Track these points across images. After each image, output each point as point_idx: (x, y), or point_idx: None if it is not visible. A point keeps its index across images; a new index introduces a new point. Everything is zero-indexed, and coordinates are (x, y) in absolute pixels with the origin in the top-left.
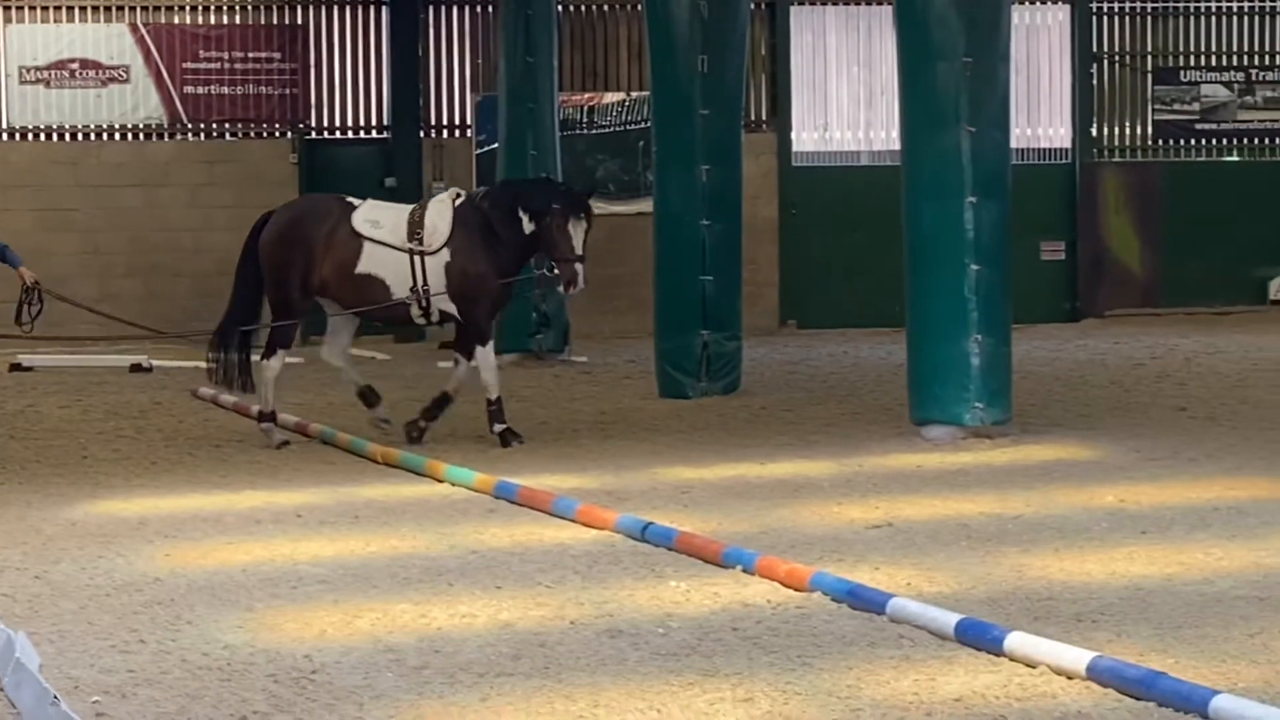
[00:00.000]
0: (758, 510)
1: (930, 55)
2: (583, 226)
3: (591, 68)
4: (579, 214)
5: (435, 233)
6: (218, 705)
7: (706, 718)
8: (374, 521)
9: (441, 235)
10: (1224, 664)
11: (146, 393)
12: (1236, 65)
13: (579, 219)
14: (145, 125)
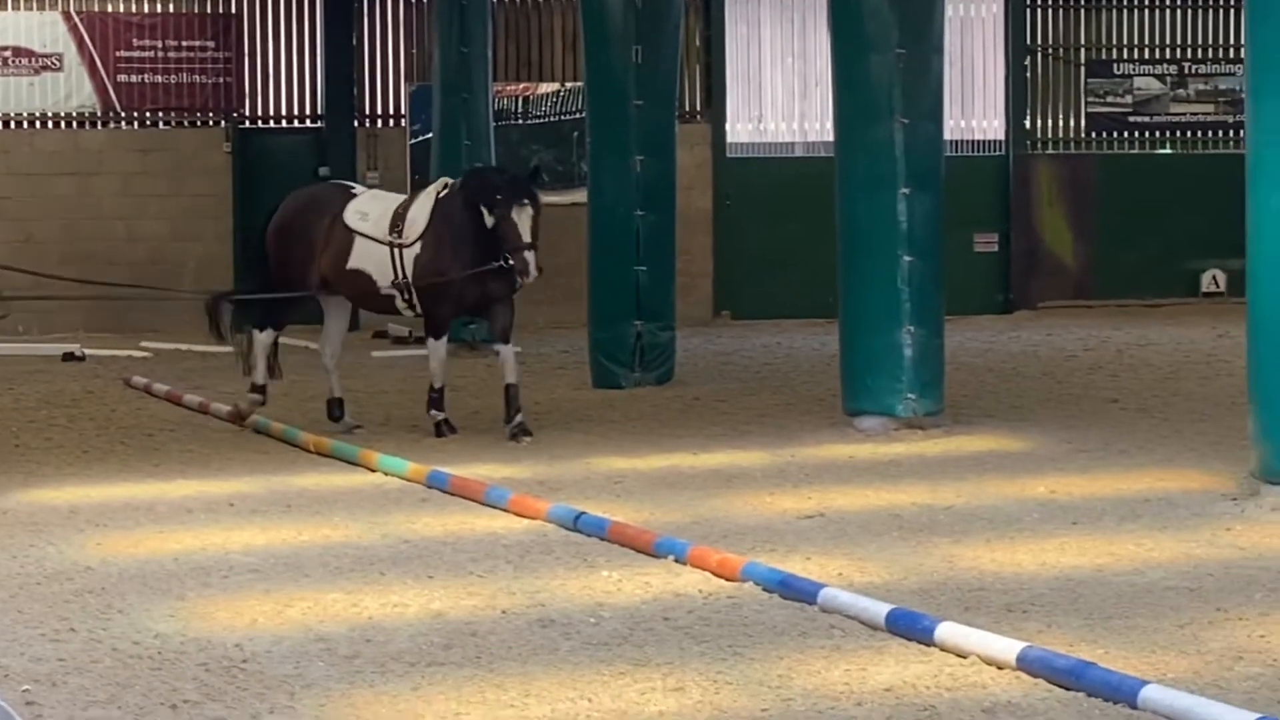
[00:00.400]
0: (690, 500)
1: (864, 47)
2: (528, 213)
3: (526, 58)
4: (521, 201)
5: (413, 225)
6: (148, 694)
7: (638, 707)
8: (306, 511)
9: (418, 228)
10: (1153, 655)
11: (79, 381)
12: (1169, 58)
13: (522, 206)
14: (78, 114)
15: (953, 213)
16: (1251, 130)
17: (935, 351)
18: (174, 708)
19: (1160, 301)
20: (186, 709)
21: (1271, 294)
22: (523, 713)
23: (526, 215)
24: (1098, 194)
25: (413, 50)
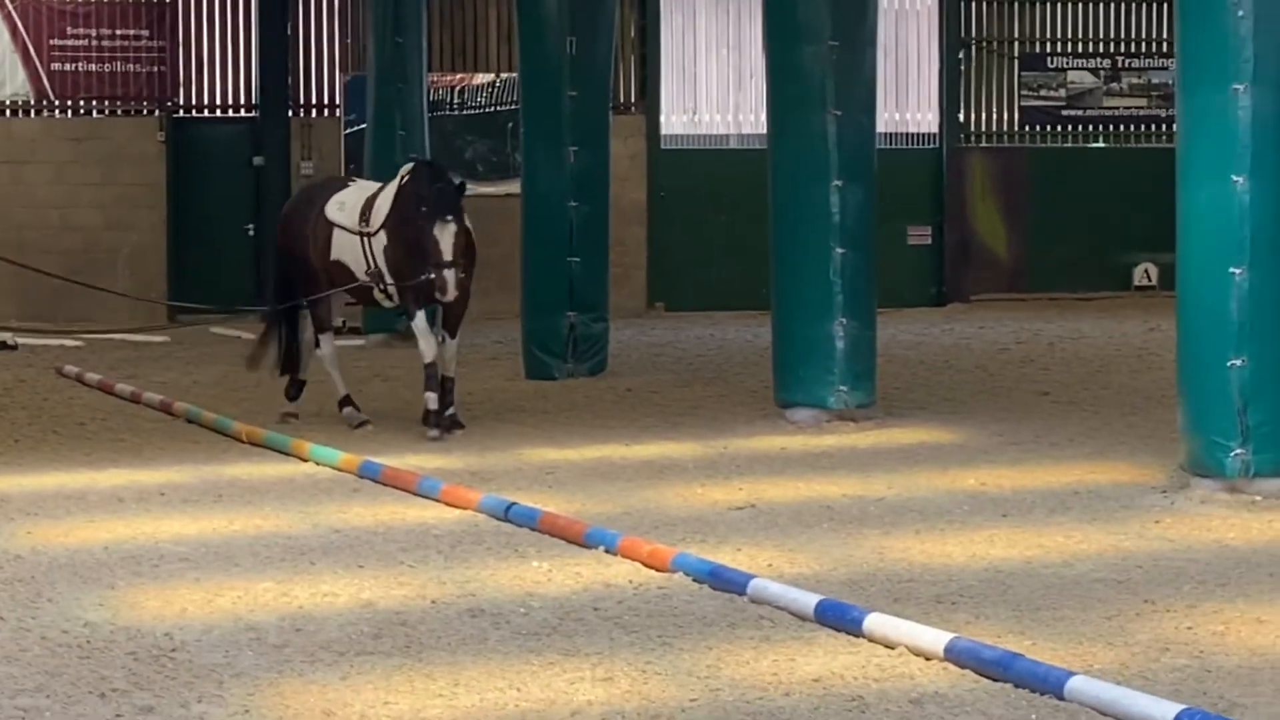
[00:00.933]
0: (622, 491)
1: (797, 38)
2: (450, 230)
3: (461, 49)
4: (444, 218)
5: (378, 214)
6: (76, 682)
7: (566, 697)
8: (237, 500)
9: (381, 216)
10: (1080, 646)
11: (11, 370)
12: (1103, 52)
13: (445, 223)
14: (11, 102)
15: (886, 205)
16: (1181, 125)
17: (867, 344)
18: (102, 696)
19: (1093, 295)
20: (115, 698)
21: (1200, 288)
22: (451, 702)
23: (449, 233)
24: (1031, 187)
25: (348, 40)
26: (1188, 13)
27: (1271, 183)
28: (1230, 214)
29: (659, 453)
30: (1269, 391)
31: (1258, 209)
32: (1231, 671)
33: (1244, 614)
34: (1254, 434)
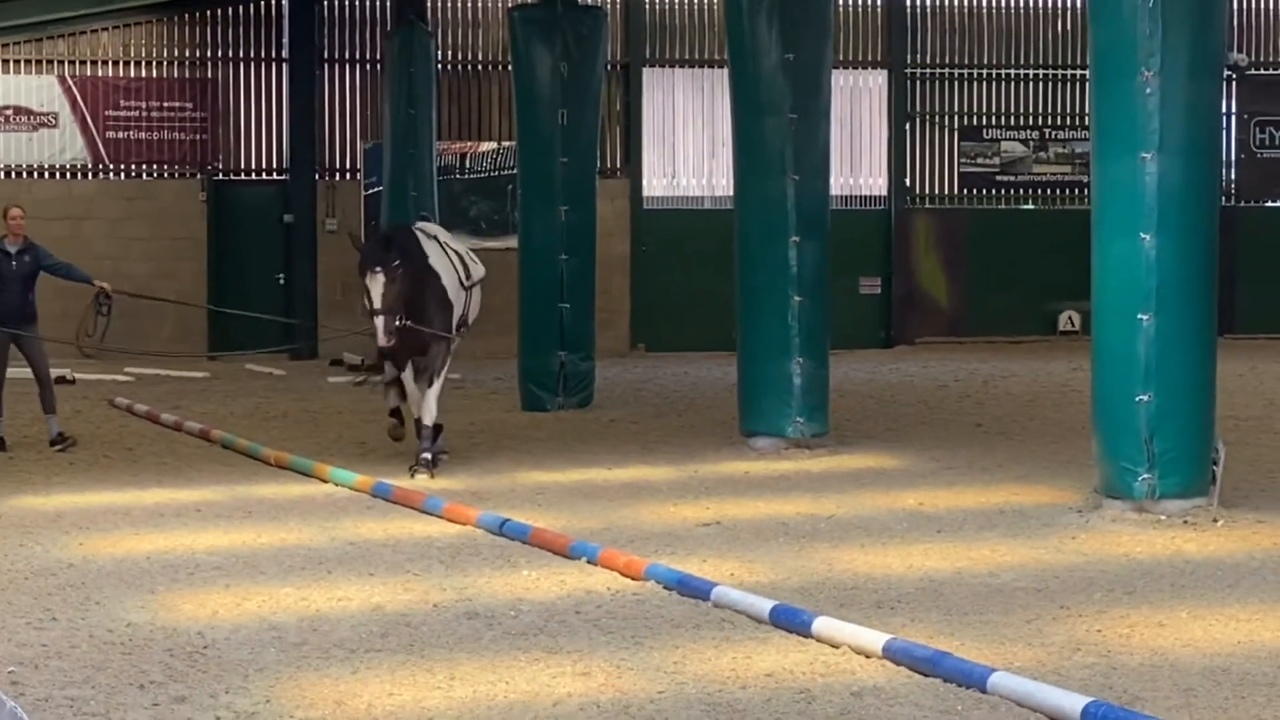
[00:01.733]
0: (603, 509)
1: (760, 111)
2: (379, 280)
3: (466, 120)
4: (373, 269)
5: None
6: (119, 676)
7: (548, 689)
8: (264, 516)
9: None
10: (1003, 646)
11: (69, 402)
12: (1032, 125)
13: (374, 274)
14: (71, 165)
15: (841, 259)
16: (1096, 188)
17: (821, 380)
18: (141, 688)
19: (1023, 339)
20: (153, 689)
21: (1112, 332)
22: (448, 694)
23: (378, 283)
24: (969, 243)
25: (367, 112)
26: (1102, 90)
27: (1175, 239)
28: (1138, 267)
29: (637, 475)
30: (1172, 424)
31: (1163, 263)
32: (1135, 669)
33: (1147, 619)
34: (1159, 461)
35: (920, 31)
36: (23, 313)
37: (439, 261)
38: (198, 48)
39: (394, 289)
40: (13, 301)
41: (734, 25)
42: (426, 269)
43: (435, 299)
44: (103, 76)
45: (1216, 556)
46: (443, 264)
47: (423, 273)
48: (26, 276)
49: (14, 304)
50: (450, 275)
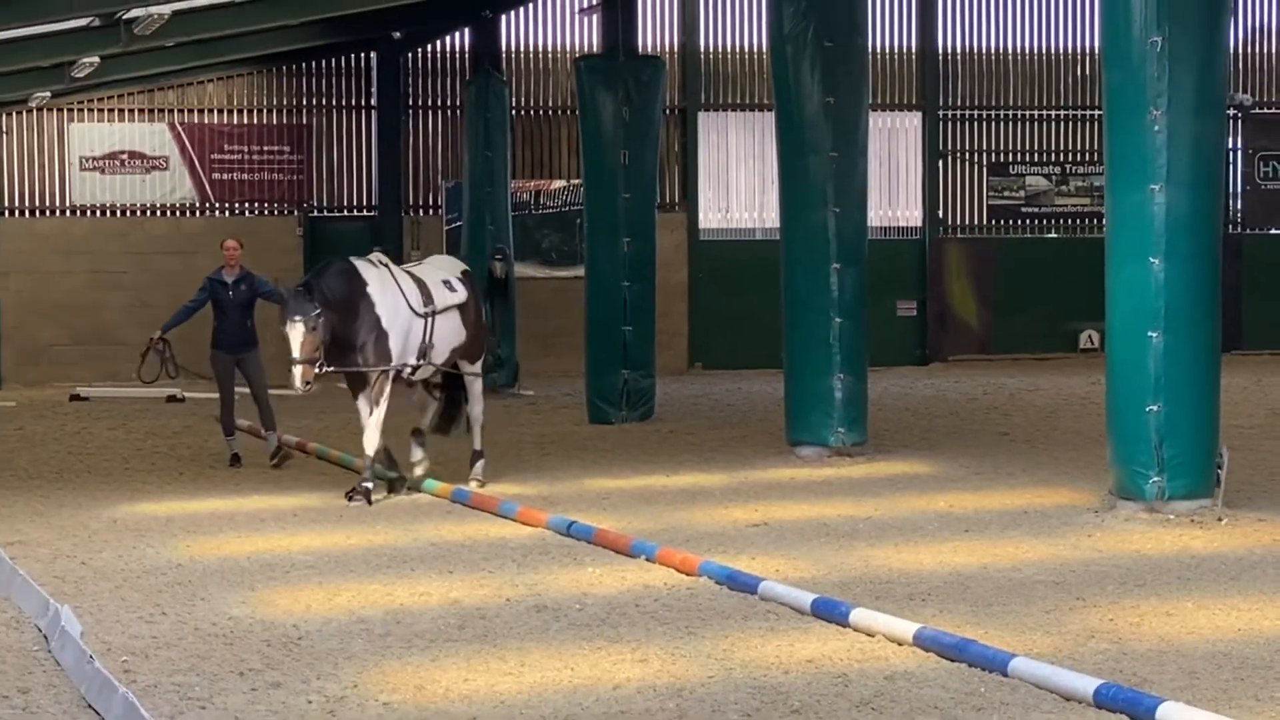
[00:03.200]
0: (661, 512)
1: (804, 150)
2: (298, 329)
3: (538, 160)
4: (292, 318)
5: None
6: (221, 664)
7: (609, 675)
8: (354, 520)
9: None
10: (1023, 634)
11: (179, 419)
12: (1054, 161)
13: (293, 323)
14: (180, 204)
15: (878, 284)
16: (1110, 217)
17: (861, 394)
18: (241, 675)
19: (1046, 356)
20: (251, 676)
21: (1124, 347)
22: (519, 679)
23: (297, 331)
24: (996, 269)
25: (448, 153)
26: (1115, 127)
27: (1181, 264)
28: (1148, 289)
29: (692, 482)
30: (1179, 432)
31: (1170, 285)
32: (1144, 654)
33: (1156, 609)
34: (1168, 465)
35: (951, 77)
36: (242, 337)
37: (379, 290)
38: (294, 97)
39: (313, 339)
40: (232, 327)
41: (780, 72)
42: (361, 298)
43: (367, 328)
44: (208, 123)
45: (1220, 552)
46: (384, 292)
47: (356, 304)
48: (244, 304)
49: (233, 329)
50: (393, 304)
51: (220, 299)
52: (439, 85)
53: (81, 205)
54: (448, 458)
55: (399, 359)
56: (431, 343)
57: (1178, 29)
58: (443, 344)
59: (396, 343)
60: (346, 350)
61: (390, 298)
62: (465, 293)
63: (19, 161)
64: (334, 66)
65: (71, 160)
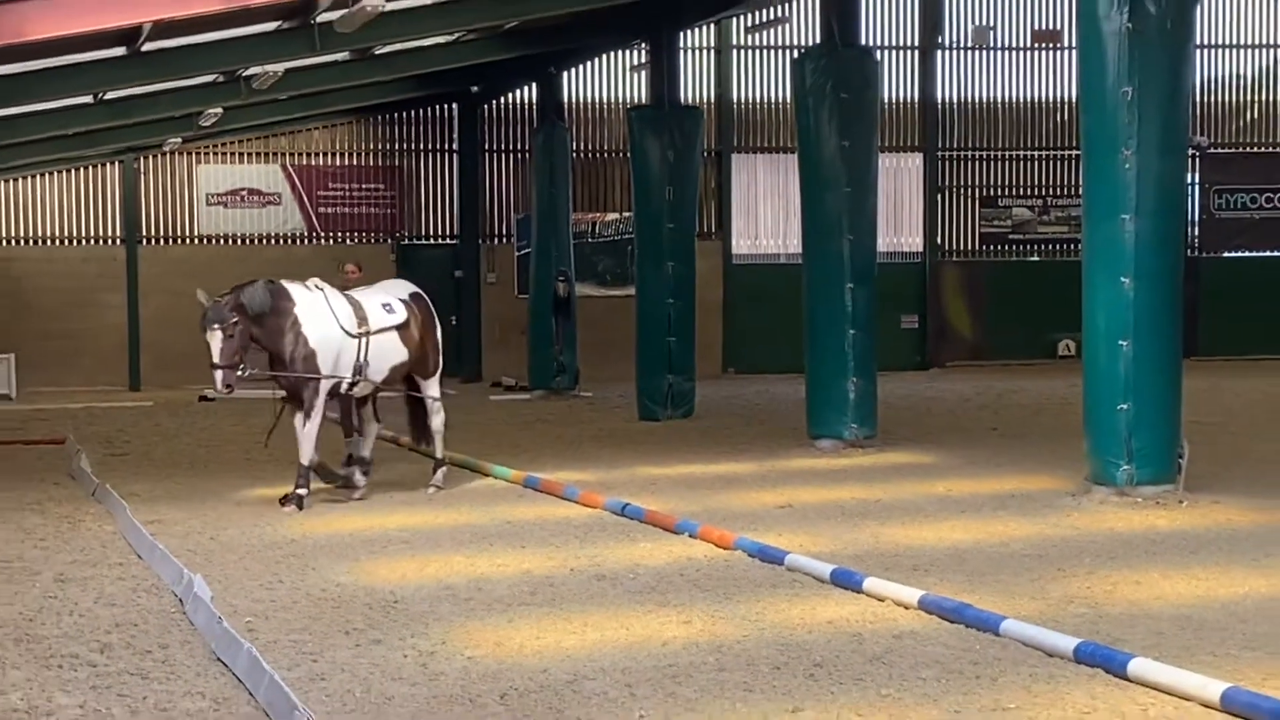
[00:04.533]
0: (701, 496)
1: (822, 187)
2: (217, 336)
3: (595, 195)
4: (211, 326)
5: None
6: (329, 624)
7: (659, 633)
8: (442, 502)
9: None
10: (1012, 600)
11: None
12: (1036, 194)
13: (212, 330)
14: (290, 234)
15: (886, 301)
16: (1086, 243)
17: (871, 395)
18: (347, 633)
19: (1030, 362)
20: (355, 634)
21: (1098, 354)
22: (581, 637)
23: (215, 338)
24: (987, 288)
25: (518, 190)
26: (1091, 166)
27: (1148, 282)
28: (1120, 304)
29: (727, 470)
30: (1146, 426)
31: (1139, 301)
32: (1116, 617)
33: (1126, 578)
34: (1136, 455)
35: (947, 123)
36: None
37: (307, 310)
38: (387, 142)
39: (231, 344)
40: None
41: (802, 120)
42: (286, 316)
43: (290, 341)
44: (315, 165)
45: (1181, 530)
46: (312, 312)
47: (281, 320)
48: None
49: None
50: (321, 322)
51: None
52: (511, 132)
53: (207, 235)
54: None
55: (329, 373)
56: (366, 361)
57: (1145, 81)
58: (380, 362)
59: (326, 360)
60: (279, 364)
61: (318, 318)
62: (405, 314)
63: (155, 198)
64: (421, 116)
65: (199, 197)
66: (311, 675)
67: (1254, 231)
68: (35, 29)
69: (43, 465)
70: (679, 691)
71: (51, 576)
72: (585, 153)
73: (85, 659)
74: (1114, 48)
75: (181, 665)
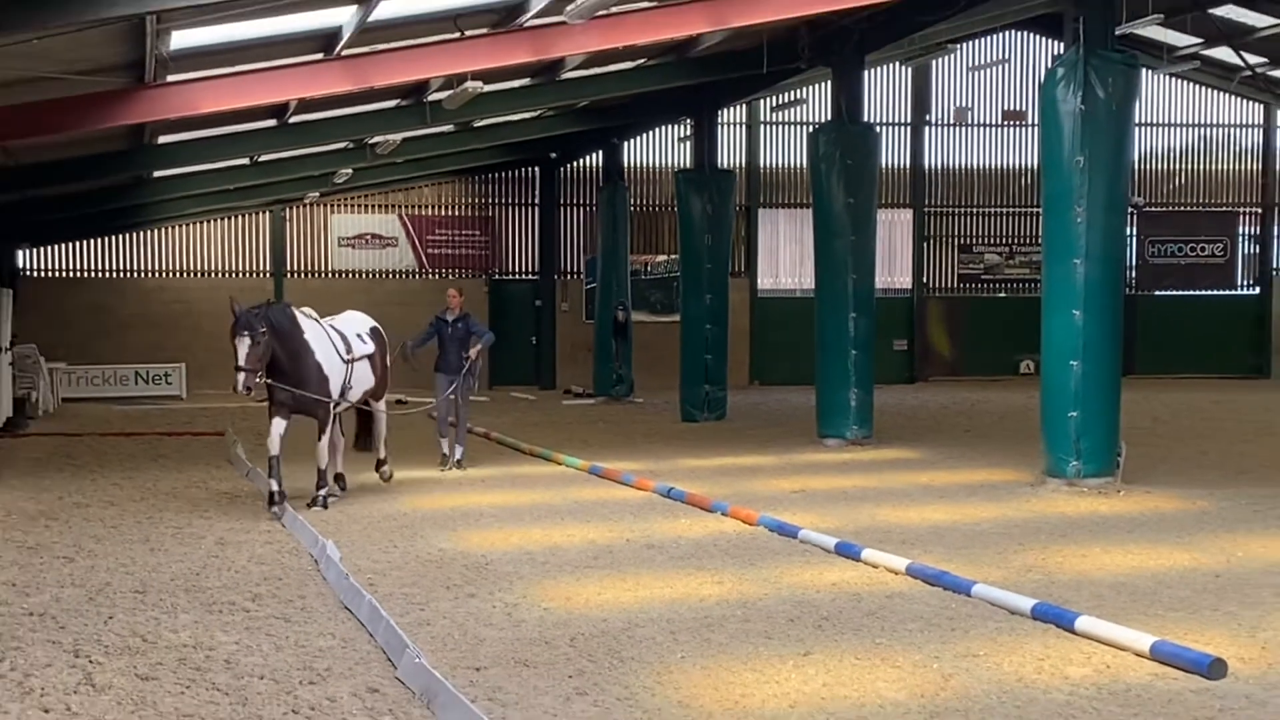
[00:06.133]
0: (731, 482)
1: (831, 235)
2: (245, 342)
3: (649, 241)
4: (241, 333)
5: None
6: (433, 581)
7: (697, 591)
8: (522, 485)
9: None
10: (982, 568)
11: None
12: (1004, 243)
13: (241, 336)
14: (405, 271)
15: (882, 327)
16: (1045, 282)
17: (868, 403)
18: (447, 588)
19: (997, 377)
20: (454, 589)
21: (1053, 371)
22: (635, 593)
23: (243, 344)
24: (964, 318)
25: (586, 237)
26: (1050, 220)
27: (1095, 315)
28: (1072, 331)
29: (753, 462)
30: (1091, 430)
31: (1087, 328)
32: (1066, 583)
33: (1074, 552)
34: (1083, 453)
35: (932, 184)
36: (459, 366)
37: (315, 339)
38: (482, 197)
39: (256, 351)
40: (450, 356)
41: (815, 181)
42: (300, 342)
43: (309, 368)
44: (425, 214)
45: (1119, 514)
46: (319, 341)
47: (297, 345)
48: (461, 339)
49: (452, 360)
50: (326, 350)
51: (442, 334)
52: (581, 190)
53: (339, 270)
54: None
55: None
56: (350, 384)
57: (1095, 152)
58: (358, 386)
59: (336, 384)
60: (289, 379)
61: (324, 345)
62: (374, 345)
63: (298, 240)
64: (510, 176)
65: (332, 239)
66: (419, 621)
67: (1180, 275)
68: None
69: (207, 453)
70: (712, 637)
71: (214, 540)
72: (641, 207)
73: (240, 606)
74: (1069, 125)
75: (316, 612)
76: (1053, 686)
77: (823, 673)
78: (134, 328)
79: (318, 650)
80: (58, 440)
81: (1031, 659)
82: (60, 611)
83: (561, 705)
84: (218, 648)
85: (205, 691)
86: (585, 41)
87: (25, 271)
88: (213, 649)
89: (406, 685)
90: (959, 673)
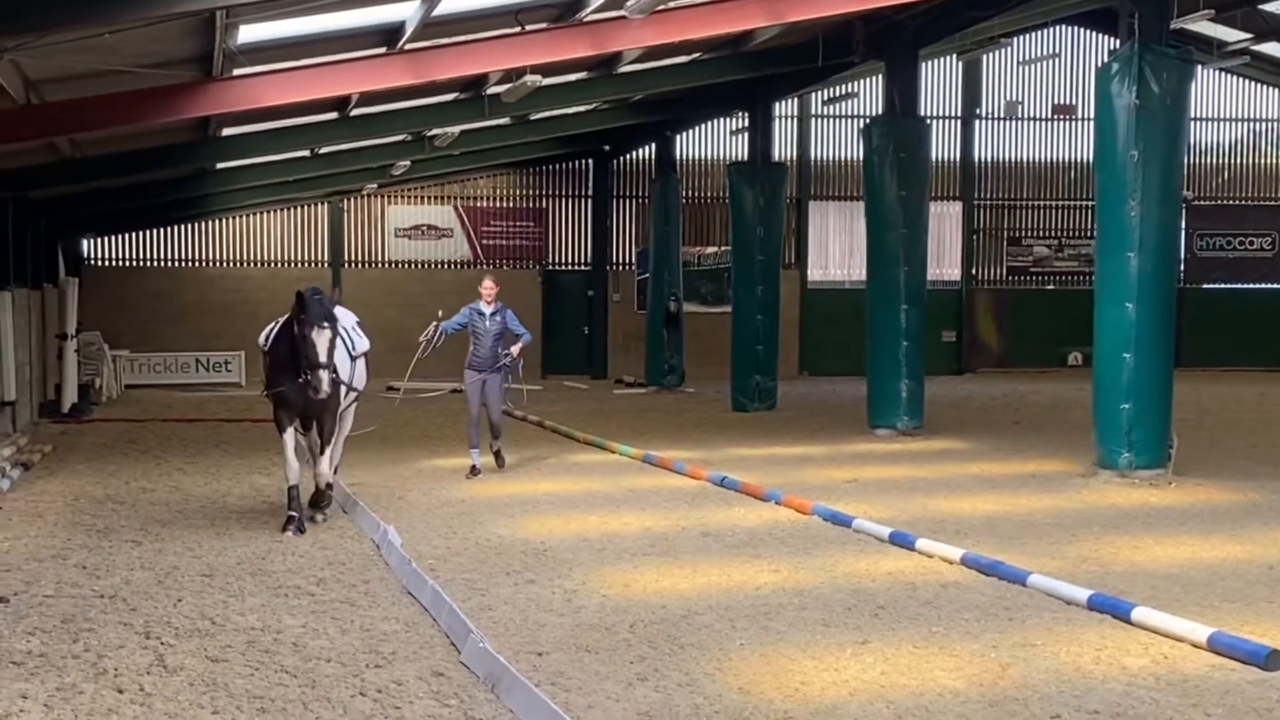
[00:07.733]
0: (784, 472)
1: (883, 228)
2: (326, 335)
3: (700, 233)
4: (321, 324)
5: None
6: (493, 567)
7: (753, 579)
8: (579, 472)
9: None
10: (1036, 558)
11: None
12: (1053, 236)
13: (321, 329)
14: (460, 261)
15: (932, 319)
16: (1098, 275)
17: (919, 394)
18: (507, 574)
19: (1045, 369)
20: (514, 575)
21: (1106, 363)
22: (691, 581)
23: (325, 338)
24: (1012, 310)
25: (639, 228)
26: (1104, 213)
27: (1148, 308)
28: (1124, 324)
29: (804, 451)
30: (1143, 422)
31: (1140, 322)
32: (1120, 574)
33: (1127, 543)
34: (1134, 445)
35: (982, 178)
36: (493, 362)
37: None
38: (536, 189)
39: (331, 346)
40: (485, 352)
41: (868, 173)
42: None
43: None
44: (480, 206)
45: (1171, 506)
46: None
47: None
48: (497, 333)
49: (486, 354)
50: (341, 348)
51: (477, 326)
52: (634, 182)
53: (395, 260)
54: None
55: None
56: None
57: (1149, 146)
58: (356, 383)
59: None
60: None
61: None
62: (368, 342)
63: (355, 231)
64: (564, 169)
65: (389, 230)
66: (481, 606)
67: (1229, 268)
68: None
69: (266, 439)
70: (770, 625)
71: (277, 524)
72: (693, 199)
73: (305, 590)
74: (1124, 119)
75: (380, 596)
76: (1110, 677)
77: (881, 661)
78: (194, 316)
79: (382, 634)
80: (122, 426)
81: (1089, 649)
82: (130, 594)
83: (624, 691)
84: (285, 631)
85: (274, 674)
86: (643, 36)
87: (90, 261)
88: (280, 632)
89: (470, 669)
90: (1017, 662)
